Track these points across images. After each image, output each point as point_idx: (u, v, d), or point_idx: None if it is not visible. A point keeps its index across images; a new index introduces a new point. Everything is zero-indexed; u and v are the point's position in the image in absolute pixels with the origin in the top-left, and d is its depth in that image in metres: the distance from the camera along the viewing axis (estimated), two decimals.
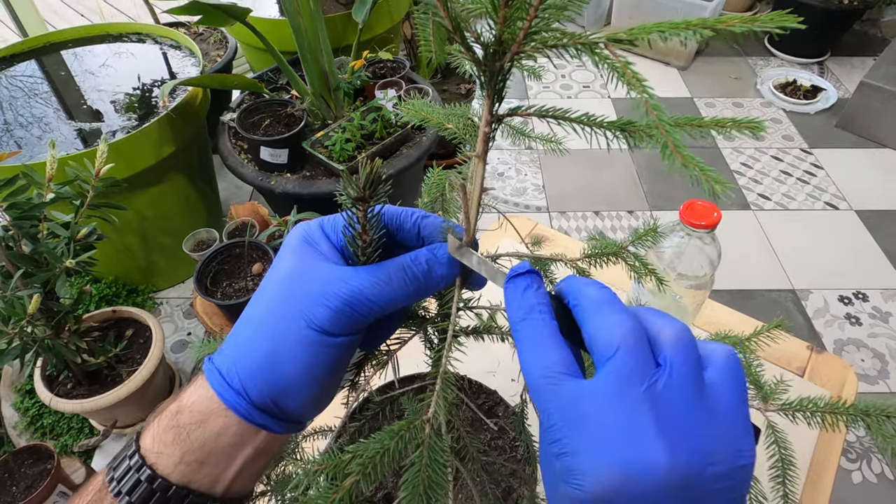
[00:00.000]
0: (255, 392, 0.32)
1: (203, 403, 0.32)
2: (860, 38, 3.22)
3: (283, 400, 0.33)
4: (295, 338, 0.32)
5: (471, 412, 0.67)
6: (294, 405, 0.33)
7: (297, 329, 0.31)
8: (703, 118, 0.28)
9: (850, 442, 1.58)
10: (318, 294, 0.32)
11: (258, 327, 0.32)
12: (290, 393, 0.32)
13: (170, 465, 0.32)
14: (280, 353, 0.32)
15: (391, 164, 1.62)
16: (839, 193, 2.31)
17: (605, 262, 0.50)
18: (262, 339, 0.32)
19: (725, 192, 0.25)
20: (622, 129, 0.29)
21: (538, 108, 0.32)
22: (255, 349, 0.32)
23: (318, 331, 0.32)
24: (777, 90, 2.80)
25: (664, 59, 3.04)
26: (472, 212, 0.34)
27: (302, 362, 0.32)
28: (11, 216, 1.04)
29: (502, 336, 0.45)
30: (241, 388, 0.32)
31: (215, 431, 0.32)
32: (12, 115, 1.72)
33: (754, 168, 2.44)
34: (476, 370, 0.69)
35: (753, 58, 3.12)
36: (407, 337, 0.43)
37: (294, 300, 0.32)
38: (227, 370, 0.32)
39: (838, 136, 2.59)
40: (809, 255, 2.08)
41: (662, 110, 0.24)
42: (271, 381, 0.32)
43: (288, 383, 0.32)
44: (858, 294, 1.95)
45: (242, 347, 0.32)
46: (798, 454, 0.78)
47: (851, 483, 1.50)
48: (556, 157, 2.49)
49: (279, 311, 0.32)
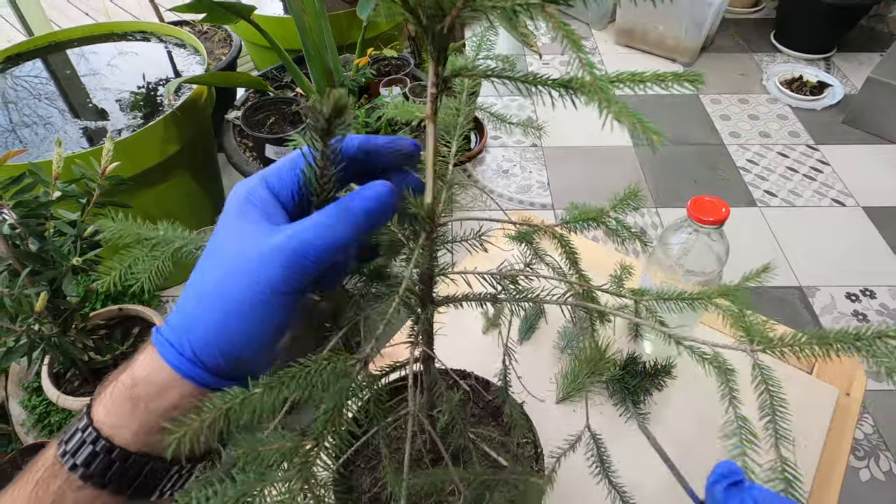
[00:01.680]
0: (210, 359, 0.32)
1: (158, 375, 0.32)
2: (867, 33, 3.20)
3: (239, 363, 0.32)
4: (248, 302, 0.31)
5: (479, 409, 0.67)
6: (250, 367, 0.33)
7: (248, 293, 0.31)
8: (643, 72, 0.28)
9: (857, 440, 1.57)
10: (265, 255, 0.31)
11: (208, 296, 0.32)
12: (246, 356, 0.32)
13: (128, 436, 0.32)
14: (232, 320, 0.31)
15: None
16: (846, 190, 2.30)
17: (585, 228, 0.50)
18: (211, 308, 0.31)
19: (662, 142, 0.25)
20: (564, 87, 0.29)
21: (482, 69, 0.33)
22: (204, 318, 0.31)
23: (270, 292, 0.31)
24: (783, 86, 2.79)
25: (669, 55, 3.03)
26: (428, 173, 0.35)
27: (256, 325, 0.31)
28: (18, 214, 1.04)
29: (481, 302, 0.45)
30: (193, 357, 0.32)
31: (173, 402, 0.32)
32: (18, 114, 1.72)
33: (760, 164, 2.43)
34: (485, 368, 0.69)
35: (759, 54, 3.10)
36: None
37: (241, 264, 0.31)
38: (178, 341, 0.32)
39: (845, 133, 2.57)
40: (816, 251, 2.07)
41: (595, 66, 0.25)
42: (226, 348, 0.32)
43: (243, 347, 0.32)
44: (866, 291, 1.94)
45: (192, 317, 0.32)
46: (807, 452, 0.78)
47: (860, 481, 1.50)
48: (562, 154, 2.48)
49: (227, 277, 0.31)
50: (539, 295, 0.43)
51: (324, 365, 0.32)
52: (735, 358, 0.38)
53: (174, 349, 0.32)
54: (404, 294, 0.36)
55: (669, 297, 0.42)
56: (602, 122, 0.26)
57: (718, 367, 0.37)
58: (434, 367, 0.47)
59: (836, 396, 0.84)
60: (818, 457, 0.78)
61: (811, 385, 0.86)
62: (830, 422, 0.82)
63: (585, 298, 0.46)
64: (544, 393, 0.84)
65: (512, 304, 0.43)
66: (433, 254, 0.38)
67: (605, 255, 1.03)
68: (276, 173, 0.35)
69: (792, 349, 0.34)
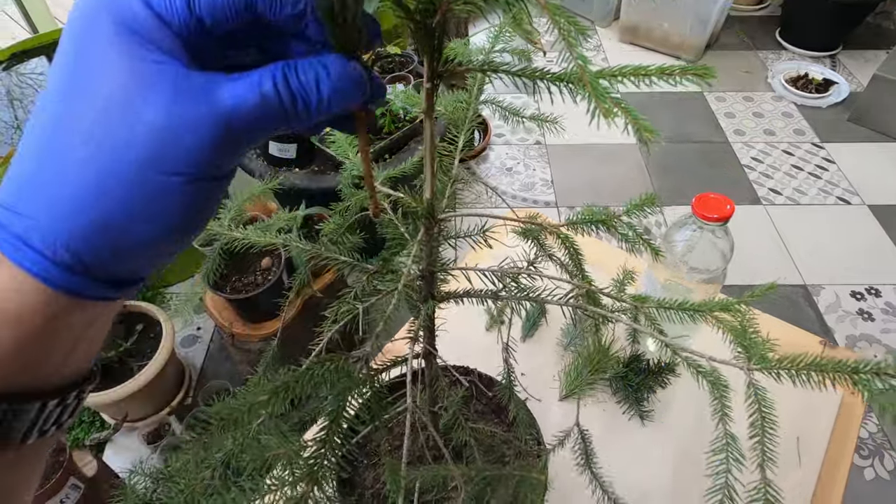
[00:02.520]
0: (93, 263, 0.24)
1: (14, 300, 0.23)
2: (873, 30, 3.18)
3: (130, 267, 0.25)
4: (152, 190, 0.23)
5: (481, 406, 0.67)
6: (144, 269, 0.26)
7: (152, 179, 0.23)
8: (647, 66, 0.27)
9: (862, 438, 1.56)
10: (179, 125, 0.23)
11: (90, 179, 0.23)
12: (141, 257, 0.25)
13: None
14: (131, 212, 0.23)
15: (399, 159, 1.62)
16: (851, 188, 2.29)
17: (591, 231, 0.49)
18: (98, 196, 0.23)
19: (654, 139, 0.25)
20: (561, 81, 0.28)
21: (480, 63, 0.32)
22: (87, 209, 0.23)
23: (183, 178, 0.23)
24: (788, 84, 2.77)
25: (674, 52, 3.02)
26: (427, 169, 0.34)
27: (162, 219, 0.24)
28: None
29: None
30: (68, 261, 0.23)
31: (38, 327, 0.24)
32: (23, 111, 1.73)
33: (765, 162, 2.42)
34: (488, 365, 0.68)
35: (764, 51, 3.09)
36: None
37: (138, 134, 0.22)
38: (45, 240, 0.23)
39: (851, 130, 2.56)
40: (821, 250, 2.06)
41: (587, 60, 0.24)
42: (118, 250, 0.24)
43: (140, 246, 0.25)
44: (871, 289, 1.93)
45: (67, 209, 0.23)
46: (811, 451, 0.78)
47: (864, 480, 1.49)
48: (565, 152, 2.48)
49: (116, 153, 0.23)
50: (541, 294, 0.43)
51: (326, 366, 0.32)
52: (732, 368, 0.37)
53: (40, 254, 0.23)
54: (405, 289, 0.36)
55: (670, 307, 0.42)
56: (590, 119, 0.25)
57: (713, 382, 0.36)
58: (436, 364, 0.47)
59: (840, 395, 0.84)
60: (822, 455, 0.78)
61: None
62: (835, 420, 0.81)
63: (588, 300, 0.46)
64: (547, 390, 0.84)
65: (513, 302, 0.43)
66: (434, 249, 0.38)
67: (608, 251, 1.03)
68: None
69: (788, 372, 0.34)
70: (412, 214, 0.36)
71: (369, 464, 0.61)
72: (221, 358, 1.76)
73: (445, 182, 0.43)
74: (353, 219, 0.47)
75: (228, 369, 1.72)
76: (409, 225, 0.41)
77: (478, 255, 0.96)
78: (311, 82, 0.25)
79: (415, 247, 0.37)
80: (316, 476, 0.33)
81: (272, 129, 0.25)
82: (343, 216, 0.48)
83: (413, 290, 0.40)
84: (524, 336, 0.91)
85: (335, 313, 0.40)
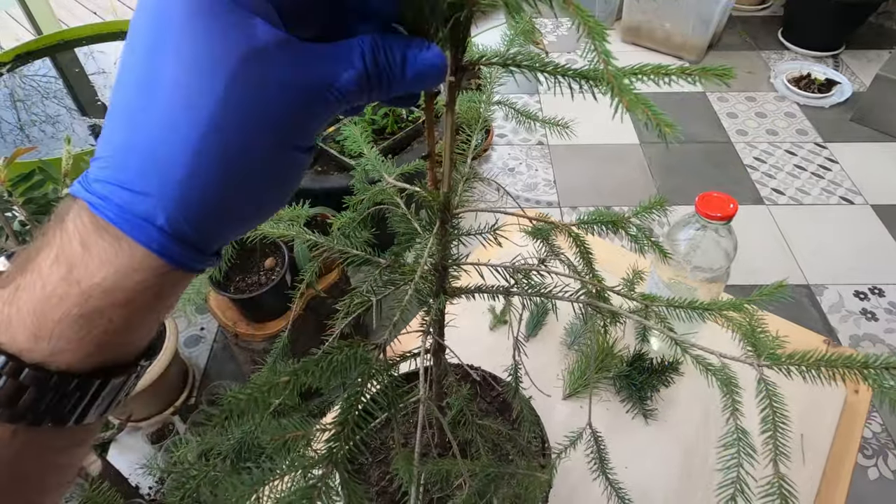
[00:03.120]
0: (207, 236, 0.24)
1: (132, 278, 0.23)
2: (876, 30, 3.18)
3: (231, 235, 0.26)
4: (266, 158, 0.24)
5: (486, 404, 0.67)
6: (236, 236, 0.27)
7: (268, 148, 0.23)
8: (668, 66, 0.28)
9: (866, 438, 1.56)
10: (288, 90, 0.23)
11: (204, 150, 0.22)
12: (244, 224, 0.26)
13: (77, 358, 0.23)
14: (246, 182, 0.24)
15: (402, 159, 1.62)
16: (854, 188, 2.29)
17: (602, 231, 0.49)
18: (216, 167, 0.22)
19: (675, 134, 0.25)
20: (584, 77, 0.28)
21: (502, 57, 0.32)
22: (207, 182, 0.23)
23: (292, 147, 0.24)
24: (791, 84, 2.77)
25: (677, 53, 3.02)
26: (445, 162, 0.34)
27: (268, 192, 0.25)
28: (28, 211, 1.05)
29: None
30: (190, 237, 0.23)
31: (148, 304, 0.24)
32: (27, 112, 1.73)
33: (768, 162, 2.42)
34: (492, 362, 0.69)
35: (767, 51, 3.09)
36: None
37: (248, 102, 0.22)
38: (170, 217, 0.22)
39: (853, 130, 2.56)
40: (824, 249, 2.06)
41: (611, 56, 0.24)
42: (230, 221, 0.25)
43: (248, 217, 0.26)
44: (874, 289, 1.92)
45: (187, 183, 0.22)
46: (815, 449, 0.78)
47: (868, 479, 1.49)
48: (567, 152, 2.48)
49: (227, 122, 0.22)
50: (552, 291, 0.43)
51: (345, 351, 0.32)
52: (739, 365, 0.38)
53: (156, 230, 0.23)
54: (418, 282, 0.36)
55: (680, 305, 0.42)
56: (613, 113, 0.26)
57: (724, 378, 0.37)
58: (444, 359, 0.47)
59: (844, 395, 0.84)
60: (826, 455, 0.78)
61: (819, 382, 0.86)
62: (838, 420, 0.81)
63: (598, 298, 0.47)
64: (551, 389, 0.84)
65: (524, 298, 0.44)
66: (447, 244, 0.38)
67: (612, 251, 1.03)
68: None
69: (799, 368, 0.34)
70: (427, 208, 0.37)
71: (375, 461, 0.61)
72: (225, 358, 1.76)
73: (458, 179, 0.43)
74: (365, 212, 0.47)
75: (232, 369, 1.72)
76: (421, 220, 0.41)
77: (487, 253, 0.96)
78: (398, 61, 0.25)
79: (431, 239, 0.37)
80: (335, 458, 0.33)
81: (354, 98, 0.25)
82: (356, 209, 0.48)
83: (425, 285, 0.40)
84: (528, 335, 0.91)
85: (348, 306, 0.40)
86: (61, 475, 0.26)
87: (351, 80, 0.24)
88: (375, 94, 0.26)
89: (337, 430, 0.32)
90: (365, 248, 0.44)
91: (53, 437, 0.25)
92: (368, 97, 0.26)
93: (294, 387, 0.31)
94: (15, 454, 0.23)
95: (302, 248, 0.47)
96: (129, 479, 1.43)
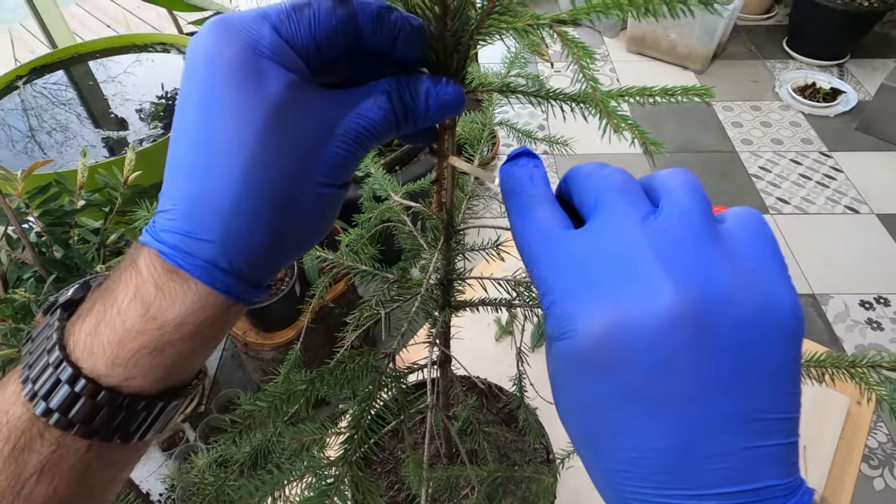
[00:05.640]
0: (261, 272, 0.27)
1: (199, 314, 0.26)
2: (881, 39, 3.19)
3: (280, 268, 0.29)
4: (306, 202, 0.26)
5: (492, 414, 0.68)
6: (279, 268, 0.29)
7: (311, 189, 0.26)
8: (651, 87, 0.30)
9: (872, 448, 1.56)
10: (327, 135, 0.25)
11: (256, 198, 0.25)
12: (290, 259, 0.29)
13: (147, 384, 0.26)
14: (288, 226, 0.26)
15: (410, 171, 1.64)
16: (860, 197, 2.29)
17: None
18: (267, 211, 0.25)
19: (659, 151, 0.27)
20: (575, 101, 0.30)
21: (497, 84, 0.34)
22: (260, 225, 0.25)
23: (331, 186, 0.26)
24: (796, 93, 2.78)
25: (681, 62, 3.03)
26: (448, 182, 0.36)
27: (313, 228, 0.27)
28: (45, 222, 1.08)
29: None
30: (248, 275, 0.27)
31: (211, 335, 0.27)
32: (43, 124, 1.77)
33: (773, 172, 2.43)
34: (498, 373, 0.70)
35: (772, 61, 3.10)
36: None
37: (292, 150, 0.25)
38: (231, 260, 0.25)
39: (858, 139, 2.56)
40: (829, 259, 2.06)
41: (597, 81, 0.27)
42: (280, 256, 0.27)
43: (294, 254, 0.28)
44: (880, 299, 1.93)
45: (244, 228, 0.25)
46: (818, 459, 0.79)
47: (874, 490, 1.49)
48: (573, 162, 2.49)
49: (277, 170, 0.25)
50: None
51: (357, 360, 0.34)
52: None
53: (220, 271, 0.26)
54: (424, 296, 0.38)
55: None
56: (601, 134, 0.28)
57: None
58: (450, 370, 0.49)
59: (847, 405, 0.85)
60: (829, 465, 0.79)
61: (822, 393, 0.87)
62: (841, 430, 0.82)
63: None
64: None
65: (526, 309, 0.45)
66: (451, 259, 0.40)
67: None
68: (288, 17, 0.25)
69: (807, 370, 0.36)
70: (431, 226, 0.39)
71: (384, 471, 0.63)
72: (234, 366, 1.78)
73: (462, 197, 0.45)
74: (373, 230, 0.49)
75: (241, 377, 1.74)
76: (426, 236, 0.43)
77: (489, 268, 0.98)
78: (422, 96, 0.28)
79: (435, 254, 0.39)
80: (350, 459, 0.35)
81: (384, 136, 0.28)
82: (364, 227, 0.50)
83: (431, 298, 0.42)
84: (533, 345, 0.93)
85: (358, 318, 0.42)
86: (117, 486, 0.29)
87: (379, 118, 0.27)
88: (402, 129, 0.28)
89: (351, 432, 0.33)
90: (373, 263, 0.46)
91: (118, 451, 0.28)
92: (396, 132, 0.28)
93: (310, 394, 0.33)
94: (86, 466, 0.26)
95: (312, 263, 0.49)
96: (141, 485, 1.45)
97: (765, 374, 0.21)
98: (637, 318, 0.21)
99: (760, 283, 0.22)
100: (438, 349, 0.45)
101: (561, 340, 0.23)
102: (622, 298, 0.21)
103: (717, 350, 0.21)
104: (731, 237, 0.23)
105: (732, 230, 0.23)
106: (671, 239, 0.22)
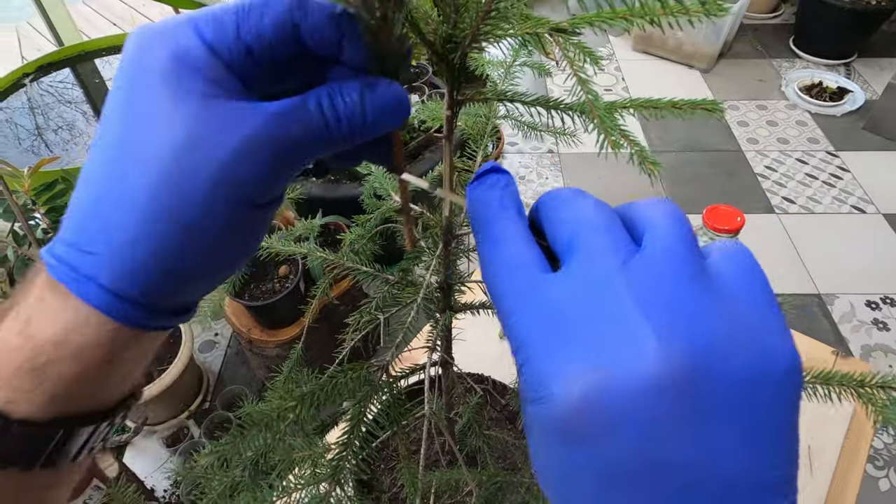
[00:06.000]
0: (155, 295, 0.24)
1: (80, 333, 0.24)
2: (889, 38, 3.17)
3: (188, 296, 0.26)
4: (212, 218, 0.23)
5: (495, 413, 0.68)
6: (197, 296, 0.27)
7: (212, 207, 0.23)
8: (659, 99, 0.30)
9: (877, 449, 1.55)
10: (232, 152, 0.22)
11: (153, 212, 0.22)
12: (199, 286, 0.26)
13: (34, 408, 0.24)
14: (192, 242, 0.23)
15: (414, 168, 1.64)
16: (866, 196, 2.28)
17: None
18: (161, 229, 0.23)
19: (657, 171, 0.27)
20: (573, 110, 0.30)
21: (496, 92, 0.33)
22: (151, 244, 0.23)
23: (250, 205, 0.24)
24: (802, 92, 2.77)
25: (688, 61, 3.02)
26: (445, 188, 0.35)
27: (222, 247, 0.25)
28: (51, 219, 1.08)
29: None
30: (134, 296, 0.24)
31: (99, 359, 0.24)
32: (49, 122, 1.78)
33: (779, 171, 2.42)
34: (501, 372, 0.70)
35: (778, 60, 3.09)
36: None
37: (195, 165, 0.22)
38: (113, 277, 0.23)
39: (865, 139, 2.55)
40: (835, 259, 2.05)
41: (597, 95, 0.26)
42: (180, 280, 0.24)
43: (200, 276, 0.25)
44: (886, 299, 1.92)
45: (133, 245, 0.23)
46: (822, 460, 0.79)
47: (879, 491, 1.48)
48: (578, 160, 2.49)
49: (176, 185, 0.22)
50: None
51: (349, 375, 0.34)
52: None
53: (109, 293, 0.23)
54: (423, 300, 0.38)
55: None
56: (599, 149, 0.27)
57: None
58: (452, 371, 0.49)
59: (852, 406, 0.84)
60: (833, 466, 0.78)
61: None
62: (846, 431, 0.82)
63: None
64: None
65: None
66: (451, 263, 0.40)
67: None
68: (214, 19, 0.23)
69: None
70: (431, 230, 0.39)
71: (387, 468, 0.63)
72: (238, 363, 1.79)
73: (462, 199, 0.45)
74: (374, 230, 0.49)
75: (245, 374, 1.75)
76: (427, 238, 0.43)
77: None
78: (356, 102, 0.24)
79: (433, 261, 0.39)
80: (338, 477, 0.35)
81: (318, 151, 0.25)
82: (365, 227, 0.50)
83: (431, 302, 0.42)
84: None
85: (356, 323, 0.42)
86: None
87: (302, 132, 0.24)
88: (340, 142, 0.25)
89: (340, 450, 0.34)
90: (373, 264, 0.46)
91: (38, 477, 0.26)
92: (332, 146, 0.25)
93: (301, 410, 0.33)
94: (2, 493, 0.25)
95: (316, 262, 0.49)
96: (145, 481, 1.45)
97: (760, 432, 0.20)
98: (619, 382, 0.19)
99: (754, 331, 0.20)
100: (439, 353, 0.45)
101: (535, 404, 0.21)
102: (603, 358, 0.19)
103: (710, 411, 0.19)
104: (718, 275, 0.22)
105: (721, 267, 0.22)
106: (655, 285, 0.20)
